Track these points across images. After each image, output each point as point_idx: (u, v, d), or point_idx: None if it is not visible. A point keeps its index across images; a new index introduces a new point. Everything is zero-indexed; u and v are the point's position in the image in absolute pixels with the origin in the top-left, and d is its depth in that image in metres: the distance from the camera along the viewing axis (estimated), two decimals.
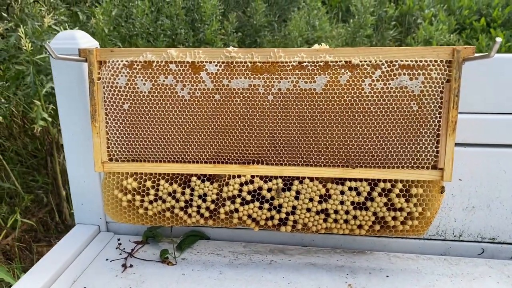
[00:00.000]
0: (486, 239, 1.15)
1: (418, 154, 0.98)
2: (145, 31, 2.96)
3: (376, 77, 0.94)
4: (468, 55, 0.92)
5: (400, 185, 1.00)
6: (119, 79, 0.99)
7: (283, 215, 1.04)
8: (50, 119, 2.02)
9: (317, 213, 1.04)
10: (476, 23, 3.82)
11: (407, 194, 1.01)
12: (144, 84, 0.99)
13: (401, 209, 1.01)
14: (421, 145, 0.97)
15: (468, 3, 4.06)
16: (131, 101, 1.00)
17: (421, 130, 0.96)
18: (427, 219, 1.02)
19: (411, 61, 0.94)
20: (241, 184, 1.04)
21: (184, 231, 1.24)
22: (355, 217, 1.03)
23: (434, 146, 0.97)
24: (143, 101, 1.00)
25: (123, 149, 1.04)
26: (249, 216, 1.05)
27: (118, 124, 1.02)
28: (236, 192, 1.04)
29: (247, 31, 3.48)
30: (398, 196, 1.00)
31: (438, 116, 0.95)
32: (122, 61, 1.00)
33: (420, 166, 0.99)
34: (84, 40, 1.12)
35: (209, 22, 3.11)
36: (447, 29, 3.65)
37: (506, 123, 1.05)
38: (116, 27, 2.83)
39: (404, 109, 0.95)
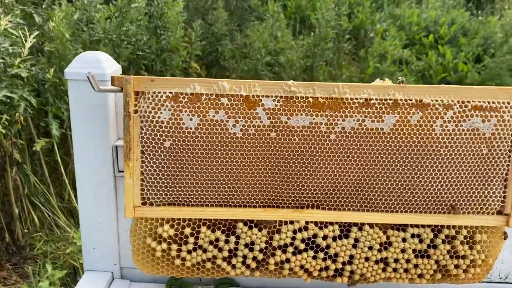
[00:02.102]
0: None
1: (486, 199, 0.92)
2: (108, 37, 2.82)
3: (448, 118, 0.88)
4: None
5: (464, 232, 0.94)
6: (161, 113, 0.86)
7: (339, 265, 0.95)
8: (3, 130, 1.82)
9: (376, 262, 0.95)
10: (425, 39, 3.96)
11: (471, 240, 0.95)
12: (191, 119, 0.86)
13: (464, 257, 0.95)
14: (488, 189, 0.92)
15: (417, 20, 4.21)
16: (174, 138, 0.87)
17: (489, 174, 0.91)
18: (489, 266, 0.96)
19: (484, 102, 0.88)
20: (294, 231, 0.93)
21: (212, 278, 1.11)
22: (416, 266, 0.95)
23: (502, 191, 0.92)
24: (188, 138, 0.87)
25: (160, 191, 0.91)
26: (302, 266, 0.95)
27: (157, 163, 0.89)
28: (288, 240, 0.93)
29: (207, 39, 3.41)
30: (462, 243, 0.94)
31: (508, 159, 0.90)
32: (165, 92, 0.87)
33: (486, 211, 0.93)
34: (109, 63, 0.97)
35: (173, 30, 3.00)
36: (400, 44, 3.76)
37: None
38: (76, 31, 2.68)
39: (474, 152, 0.89)
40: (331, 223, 0.94)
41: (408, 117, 0.87)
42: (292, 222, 0.93)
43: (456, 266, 0.96)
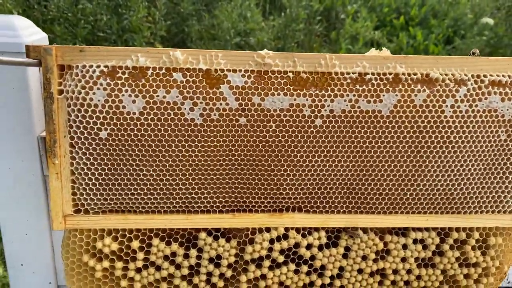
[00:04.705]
0: None
1: (503, 195, 0.76)
2: (63, 16, 2.59)
3: (460, 97, 0.70)
4: None
5: (476, 235, 0.78)
6: (94, 93, 0.65)
7: (327, 280, 0.77)
8: None
9: (371, 274, 0.78)
10: (396, 21, 3.87)
11: (484, 245, 0.79)
12: (134, 101, 0.66)
13: (475, 264, 0.79)
14: (506, 183, 0.75)
15: (388, 1, 4.11)
16: (112, 126, 0.66)
17: (508, 165, 0.74)
18: (503, 274, 0.81)
19: (503, 76, 0.71)
20: (271, 241, 0.75)
21: None
22: (418, 277, 0.79)
23: None
24: (132, 127, 0.67)
25: (98, 196, 0.70)
26: (281, 283, 0.77)
27: (92, 159, 0.68)
28: (264, 252, 0.75)
29: (173, 19, 3.27)
30: (473, 248, 0.78)
31: None
32: (99, 66, 0.65)
33: (503, 210, 0.77)
34: (29, 31, 0.75)
35: (135, 8, 2.87)
36: (371, 26, 3.68)
37: None
38: (27, 9, 2.45)
39: (490, 138, 0.72)
40: (317, 229, 0.76)
41: (412, 96, 0.69)
42: (268, 230, 0.75)
43: (466, 276, 0.80)
